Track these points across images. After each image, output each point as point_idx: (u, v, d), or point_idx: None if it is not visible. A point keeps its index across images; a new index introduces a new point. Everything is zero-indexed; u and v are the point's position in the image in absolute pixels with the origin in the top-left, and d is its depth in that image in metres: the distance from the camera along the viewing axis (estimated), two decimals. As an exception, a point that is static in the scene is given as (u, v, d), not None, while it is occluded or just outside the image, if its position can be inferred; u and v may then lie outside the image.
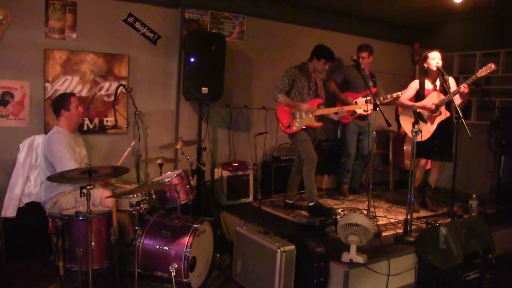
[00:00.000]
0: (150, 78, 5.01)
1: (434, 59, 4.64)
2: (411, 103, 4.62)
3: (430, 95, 4.69)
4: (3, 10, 4.15)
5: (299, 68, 4.64)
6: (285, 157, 5.58)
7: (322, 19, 6.01)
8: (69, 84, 4.53)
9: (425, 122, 4.67)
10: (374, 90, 5.41)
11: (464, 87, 4.43)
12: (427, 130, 4.66)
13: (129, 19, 4.79)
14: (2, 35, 4.18)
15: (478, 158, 6.12)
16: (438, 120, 4.68)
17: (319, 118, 4.67)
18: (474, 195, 4.67)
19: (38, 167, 4.19)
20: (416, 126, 3.85)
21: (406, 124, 4.75)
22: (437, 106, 4.61)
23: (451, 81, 4.69)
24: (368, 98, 5.35)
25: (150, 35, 4.93)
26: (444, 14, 5.94)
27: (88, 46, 4.60)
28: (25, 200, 4.16)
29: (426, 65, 4.73)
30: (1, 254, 3.82)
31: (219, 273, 3.90)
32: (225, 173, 5.04)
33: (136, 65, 4.90)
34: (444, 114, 4.68)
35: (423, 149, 4.62)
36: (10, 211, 4.08)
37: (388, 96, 5.34)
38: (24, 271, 3.81)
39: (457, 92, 4.45)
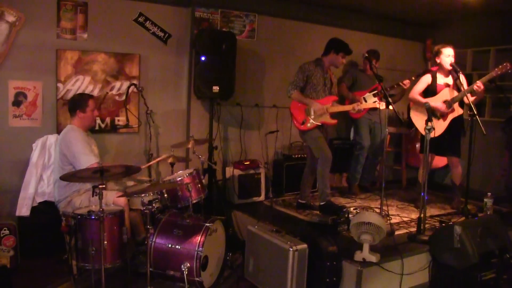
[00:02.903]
0: (161, 77, 5.03)
1: (449, 56, 4.56)
2: (424, 100, 4.56)
3: (442, 91, 4.63)
4: (17, 12, 4.19)
5: (314, 64, 4.54)
6: (296, 156, 5.55)
7: (332, 16, 5.97)
8: (81, 84, 4.56)
9: (438, 118, 4.62)
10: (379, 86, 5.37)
11: (478, 86, 4.36)
12: (440, 126, 4.60)
13: (139, 19, 4.80)
14: (16, 36, 4.22)
15: (493, 155, 6.03)
16: (451, 116, 4.62)
17: (334, 115, 4.62)
18: (489, 194, 4.59)
19: (51, 167, 4.23)
20: (429, 123, 3.81)
21: (418, 120, 4.69)
22: (450, 104, 4.55)
23: (461, 77, 4.63)
24: (375, 92, 5.32)
25: (161, 34, 4.94)
26: (457, 9, 5.86)
27: (99, 46, 4.63)
28: (39, 199, 4.21)
29: (438, 60, 4.66)
30: (16, 252, 3.86)
31: (231, 272, 3.89)
32: (237, 172, 5.04)
33: (147, 64, 4.91)
34: (457, 111, 4.62)
35: (431, 144, 4.55)
36: (24, 210, 4.13)
37: (395, 86, 5.28)
38: (38, 269, 3.85)
39: (471, 90, 4.39)
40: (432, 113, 4.46)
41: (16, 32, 4.22)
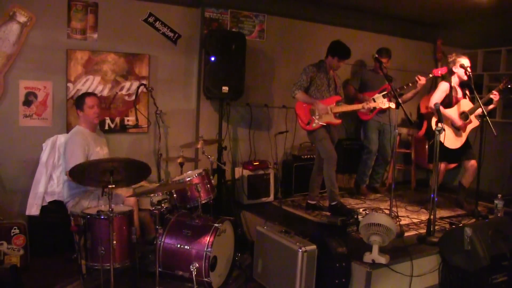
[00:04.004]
0: (170, 78, 5.03)
1: (467, 68, 4.51)
2: (448, 115, 4.56)
3: (460, 102, 4.61)
4: (28, 12, 4.23)
5: (317, 66, 4.59)
6: (305, 156, 5.54)
7: (342, 17, 5.95)
8: (91, 84, 4.58)
9: (458, 129, 4.62)
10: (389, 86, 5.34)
11: (494, 94, 4.35)
12: (460, 138, 4.61)
13: (149, 19, 4.82)
14: (27, 36, 4.25)
15: (504, 157, 5.98)
16: (469, 128, 4.61)
17: (339, 115, 4.62)
18: (499, 195, 4.55)
19: (60, 166, 4.25)
20: (440, 124, 3.78)
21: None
22: (467, 115, 4.54)
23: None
24: (385, 93, 5.29)
25: (171, 34, 4.95)
26: (468, 9, 5.81)
27: (109, 46, 4.64)
28: (48, 199, 4.23)
29: (455, 70, 4.62)
30: (26, 251, 3.89)
31: (240, 273, 3.89)
32: (246, 172, 5.03)
33: (156, 64, 4.92)
34: (474, 122, 4.60)
35: (447, 153, 4.52)
36: (34, 209, 4.15)
37: (405, 87, 5.25)
38: (48, 268, 3.87)
39: (488, 100, 4.37)
40: (453, 127, 4.49)
41: (27, 32, 4.25)
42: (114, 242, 3.04)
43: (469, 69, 4.51)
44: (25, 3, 4.21)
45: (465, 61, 4.56)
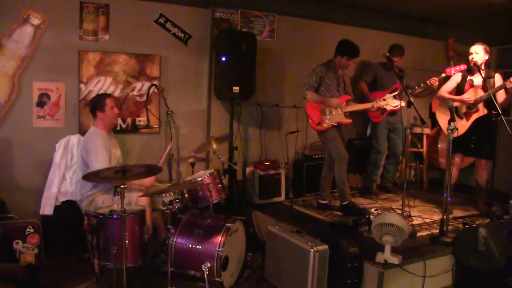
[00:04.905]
0: (181, 78, 5.05)
1: (471, 54, 4.52)
2: (449, 96, 4.50)
3: (469, 90, 4.56)
4: (41, 15, 4.27)
5: (326, 66, 4.58)
6: (316, 156, 5.52)
7: (352, 16, 5.92)
8: (102, 85, 4.61)
9: (461, 117, 4.54)
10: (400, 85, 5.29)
11: (510, 82, 4.27)
12: (462, 125, 4.53)
13: (160, 20, 4.84)
14: (40, 38, 4.30)
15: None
16: (474, 116, 4.54)
17: (349, 114, 4.60)
18: (515, 195, 4.51)
19: (73, 166, 4.29)
20: (452, 123, 3.75)
21: (443, 120, 4.61)
22: (476, 102, 4.47)
23: (497, 77, 4.55)
24: (396, 93, 5.24)
25: (181, 35, 4.97)
26: (480, 6, 5.74)
27: (120, 47, 4.68)
28: (62, 199, 4.28)
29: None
30: (41, 250, 3.93)
31: (251, 273, 3.89)
32: (257, 172, 5.03)
33: (167, 65, 4.94)
34: (482, 111, 4.53)
35: (459, 144, 4.48)
36: (47, 209, 4.20)
37: (416, 87, 5.20)
38: (61, 267, 3.91)
39: (502, 87, 4.30)
40: (455, 112, 4.41)
41: (41, 34, 4.30)
42: (126, 241, 3.05)
43: (473, 55, 4.48)
44: (39, 6, 4.26)
45: (473, 47, 4.54)
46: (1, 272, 2.48)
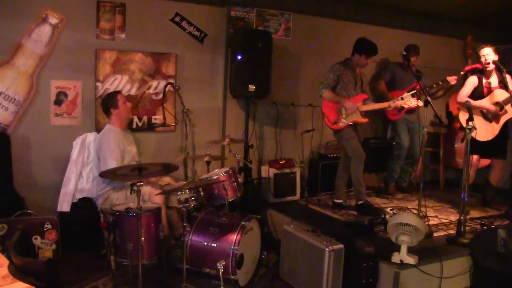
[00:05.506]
0: (197, 76, 5.07)
1: (483, 56, 4.48)
2: (478, 105, 4.46)
3: (494, 92, 4.50)
4: (59, 14, 4.33)
5: (344, 64, 4.54)
6: (332, 155, 5.49)
7: (368, 14, 5.87)
8: (119, 83, 4.65)
9: (490, 121, 4.49)
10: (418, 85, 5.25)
11: None
12: (492, 129, 4.48)
13: (176, 18, 4.86)
14: (58, 37, 4.35)
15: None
16: (504, 119, 4.49)
17: (365, 113, 4.56)
18: (533, 196, 4.43)
19: (90, 164, 4.34)
20: (470, 123, 3.70)
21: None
22: (503, 105, 4.42)
23: (508, 78, 4.48)
24: (414, 91, 5.19)
25: (197, 33, 4.99)
26: (500, 3, 5.63)
27: (136, 45, 4.71)
28: (78, 196, 4.33)
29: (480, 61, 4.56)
30: (58, 246, 3.98)
31: (266, 271, 3.88)
32: (272, 171, 5.03)
33: (183, 63, 4.96)
34: (510, 112, 4.47)
35: (477, 145, 4.42)
36: (65, 206, 4.26)
37: (434, 86, 5.13)
38: (78, 263, 3.95)
39: None
40: (484, 116, 4.37)
41: (58, 33, 4.35)
42: (142, 239, 3.07)
43: (486, 57, 4.45)
44: (57, 6, 4.32)
45: (482, 50, 4.50)
46: (23, 266, 2.51)
